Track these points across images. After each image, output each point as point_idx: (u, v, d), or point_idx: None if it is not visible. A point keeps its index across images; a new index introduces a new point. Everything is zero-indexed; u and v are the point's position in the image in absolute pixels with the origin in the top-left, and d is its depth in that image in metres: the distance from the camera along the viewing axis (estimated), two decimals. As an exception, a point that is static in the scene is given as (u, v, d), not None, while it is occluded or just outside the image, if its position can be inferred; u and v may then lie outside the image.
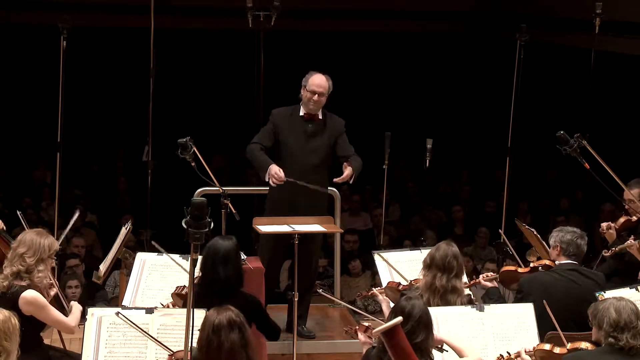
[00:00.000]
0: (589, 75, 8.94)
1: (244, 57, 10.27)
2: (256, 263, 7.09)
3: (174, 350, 5.48)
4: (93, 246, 11.05)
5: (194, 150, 7.11)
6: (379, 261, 7.18)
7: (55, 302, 6.15)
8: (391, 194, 12.34)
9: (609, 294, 6.00)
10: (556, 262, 6.56)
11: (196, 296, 5.54)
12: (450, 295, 6.03)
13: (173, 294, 6.32)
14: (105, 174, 14.19)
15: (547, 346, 5.49)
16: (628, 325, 5.08)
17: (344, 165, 7.39)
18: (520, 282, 6.48)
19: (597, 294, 6.03)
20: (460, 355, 5.31)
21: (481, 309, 5.94)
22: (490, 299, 6.50)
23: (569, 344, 5.40)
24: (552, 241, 6.61)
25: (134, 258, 7.01)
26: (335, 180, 7.38)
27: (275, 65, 9.68)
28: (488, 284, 6.67)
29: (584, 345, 5.29)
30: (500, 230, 8.26)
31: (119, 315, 5.60)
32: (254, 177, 10.53)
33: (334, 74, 7.59)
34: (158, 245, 6.85)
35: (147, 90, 8.95)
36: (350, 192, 12.29)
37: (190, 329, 4.68)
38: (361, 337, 5.64)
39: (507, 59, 9.00)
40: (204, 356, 4.81)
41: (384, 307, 6.47)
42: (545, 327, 5.89)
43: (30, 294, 5.79)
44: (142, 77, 9.38)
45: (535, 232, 7.42)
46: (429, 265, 6.12)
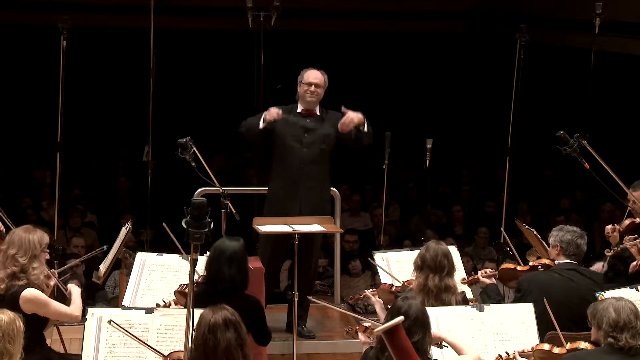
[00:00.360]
0: (589, 75, 8.94)
1: (244, 57, 10.26)
2: (256, 263, 7.09)
3: (167, 354, 5.47)
4: (93, 246, 11.03)
5: (194, 150, 7.12)
6: (378, 261, 7.18)
7: (54, 294, 6.13)
8: (391, 194, 12.34)
9: (609, 294, 6.00)
10: (555, 262, 6.54)
11: (200, 295, 5.55)
12: (445, 295, 6.01)
13: (176, 292, 6.30)
14: (105, 174, 14.20)
15: (547, 346, 5.49)
16: (627, 325, 5.07)
17: (344, 109, 7.43)
18: (520, 281, 6.46)
19: (597, 294, 6.03)
20: (459, 352, 5.31)
21: (481, 309, 5.93)
22: (489, 296, 6.50)
23: (568, 344, 5.40)
24: (551, 240, 6.60)
25: (134, 258, 7.01)
26: (340, 124, 7.38)
27: (275, 65, 9.68)
28: (486, 280, 6.66)
29: (584, 345, 5.29)
30: (501, 228, 8.26)
31: (112, 323, 5.55)
32: (254, 177, 10.55)
33: (334, 74, 7.60)
34: (168, 229, 6.81)
35: (147, 90, 8.95)
36: (350, 192, 12.30)
37: (190, 329, 4.68)
38: (361, 337, 5.64)
39: (507, 59, 9.01)
40: (200, 355, 4.80)
41: (377, 308, 6.46)
42: (544, 327, 5.89)
43: (30, 292, 5.79)
44: (142, 77, 9.38)
45: (535, 232, 7.41)
46: (420, 266, 6.10)
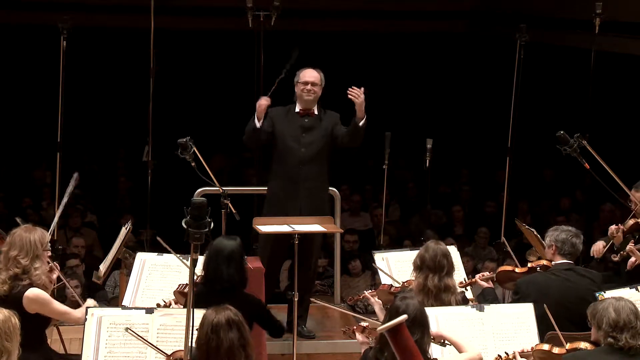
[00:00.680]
0: (589, 75, 8.93)
1: (244, 57, 10.25)
2: (256, 263, 7.10)
3: (169, 353, 5.47)
4: (93, 246, 11.05)
5: (194, 150, 7.12)
6: (378, 261, 7.18)
7: (55, 293, 6.13)
8: (391, 194, 12.34)
9: (609, 294, 6.00)
10: (552, 262, 6.53)
11: (199, 295, 5.55)
12: (444, 295, 6.01)
13: (175, 292, 6.31)
14: (105, 174, 14.20)
15: (546, 346, 5.49)
16: (627, 326, 5.07)
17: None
18: (517, 284, 6.44)
19: (597, 294, 6.03)
20: (459, 350, 5.31)
21: (481, 309, 5.93)
22: (486, 299, 6.46)
23: (568, 344, 5.40)
24: (547, 241, 6.58)
25: (134, 258, 7.01)
26: (349, 91, 7.43)
27: (275, 65, 9.67)
28: (484, 283, 6.63)
29: (583, 345, 5.29)
30: (503, 237, 8.27)
31: (129, 331, 5.54)
32: (254, 177, 10.53)
33: (334, 74, 7.61)
34: (163, 242, 6.83)
35: (147, 90, 8.95)
36: (350, 192, 12.30)
37: (190, 329, 4.69)
38: (359, 337, 5.64)
39: (507, 59, 9.01)
40: (203, 355, 4.81)
41: (376, 309, 6.45)
42: (544, 327, 5.88)
43: (33, 292, 5.80)
44: (142, 77, 9.38)
45: (535, 232, 7.41)
46: (420, 266, 6.09)
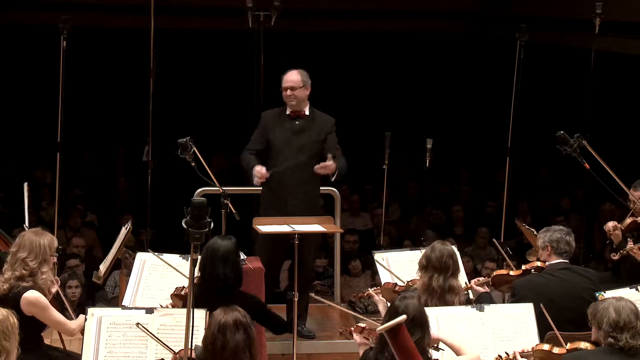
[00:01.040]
0: (589, 75, 8.93)
1: (244, 57, 10.25)
2: (256, 263, 7.10)
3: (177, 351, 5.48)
4: (93, 246, 11.05)
5: (194, 150, 7.12)
6: (378, 261, 7.18)
7: (55, 300, 6.14)
8: (391, 194, 12.33)
9: (609, 294, 6.00)
10: (547, 263, 6.49)
11: (196, 296, 5.55)
12: (448, 295, 5.99)
13: (172, 295, 6.31)
14: (105, 174, 14.20)
15: (546, 346, 5.48)
16: (627, 326, 5.07)
17: (329, 156, 7.37)
18: (514, 286, 6.40)
19: (597, 294, 6.03)
20: (458, 353, 5.31)
21: (481, 309, 5.92)
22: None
23: (568, 344, 5.40)
24: (540, 242, 6.54)
25: (134, 258, 7.02)
26: (316, 168, 7.40)
27: (275, 65, 9.67)
28: (479, 288, 6.53)
29: (584, 345, 5.28)
30: (494, 240, 8.27)
31: (139, 325, 5.54)
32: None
33: (334, 74, 7.61)
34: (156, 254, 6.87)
35: (147, 90, 8.95)
36: (350, 192, 12.30)
37: (190, 329, 4.69)
38: (357, 338, 5.61)
39: (507, 59, 9.00)
40: (209, 354, 4.84)
41: (380, 307, 6.44)
42: (543, 327, 5.88)
43: (33, 295, 5.79)
44: (142, 77, 9.37)
45: (535, 232, 7.40)
46: (425, 266, 6.07)
